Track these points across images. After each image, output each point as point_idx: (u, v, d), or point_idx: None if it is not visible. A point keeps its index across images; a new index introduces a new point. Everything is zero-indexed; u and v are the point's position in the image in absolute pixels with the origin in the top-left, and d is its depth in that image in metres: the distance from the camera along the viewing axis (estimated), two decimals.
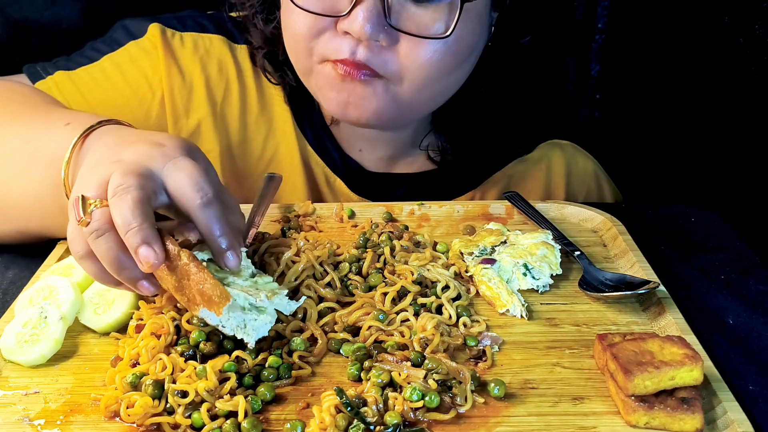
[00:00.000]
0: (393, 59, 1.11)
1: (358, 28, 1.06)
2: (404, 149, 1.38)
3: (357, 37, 1.08)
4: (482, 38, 1.20)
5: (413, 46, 1.10)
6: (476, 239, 1.13)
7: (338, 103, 1.16)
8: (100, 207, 0.84)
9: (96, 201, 0.85)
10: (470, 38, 1.15)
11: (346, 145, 1.38)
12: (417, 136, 1.36)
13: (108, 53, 1.32)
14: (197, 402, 0.81)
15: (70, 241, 0.88)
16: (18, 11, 1.84)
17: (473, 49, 1.18)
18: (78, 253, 0.87)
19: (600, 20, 2.04)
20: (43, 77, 1.29)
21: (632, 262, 1.09)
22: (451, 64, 1.14)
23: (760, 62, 1.63)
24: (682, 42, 1.88)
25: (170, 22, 1.34)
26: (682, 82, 1.90)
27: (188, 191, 0.86)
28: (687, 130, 1.89)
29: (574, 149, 1.48)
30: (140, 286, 0.87)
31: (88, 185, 0.87)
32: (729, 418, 0.80)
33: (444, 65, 1.13)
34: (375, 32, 1.07)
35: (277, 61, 1.31)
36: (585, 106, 2.13)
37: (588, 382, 0.87)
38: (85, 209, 0.84)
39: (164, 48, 1.31)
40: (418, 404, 0.81)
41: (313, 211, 1.24)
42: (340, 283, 1.00)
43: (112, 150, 0.92)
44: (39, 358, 0.88)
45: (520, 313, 0.99)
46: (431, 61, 1.11)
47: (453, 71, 1.17)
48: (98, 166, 0.89)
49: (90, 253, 0.86)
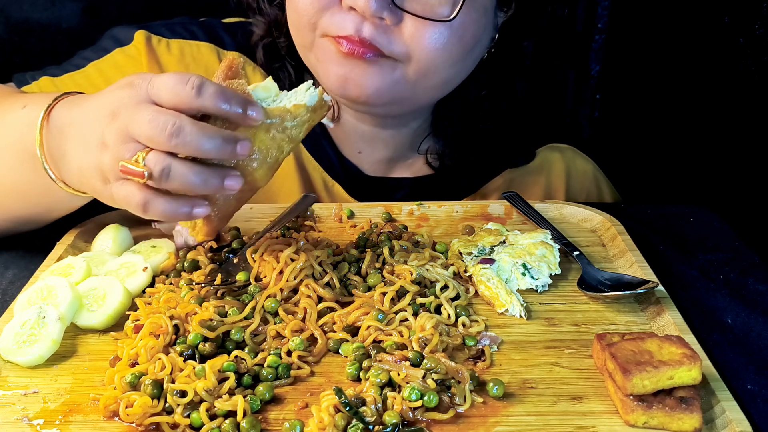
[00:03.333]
0: (399, 39, 1.12)
1: (362, 3, 1.07)
2: (403, 152, 1.38)
3: (361, 12, 1.09)
4: (486, 33, 1.20)
5: (419, 27, 1.11)
6: (475, 239, 1.13)
7: (338, 78, 1.15)
8: (145, 155, 0.85)
9: (138, 155, 0.86)
10: (475, 29, 1.16)
11: (345, 148, 1.37)
12: (415, 138, 1.36)
13: (95, 60, 1.33)
14: (196, 402, 0.81)
15: (128, 204, 0.88)
16: (18, 11, 1.84)
17: (477, 41, 1.19)
18: (142, 205, 0.87)
19: (600, 20, 2.04)
20: (29, 83, 1.30)
21: (631, 261, 1.09)
22: (456, 51, 1.15)
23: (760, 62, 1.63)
24: (682, 42, 1.88)
25: (159, 29, 1.35)
26: (682, 82, 1.90)
27: (179, 90, 0.86)
28: (687, 130, 1.89)
29: (573, 152, 1.47)
30: (228, 186, 0.88)
31: (113, 150, 0.87)
32: (727, 417, 0.80)
33: (449, 51, 1.14)
34: (379, 9, 1.08)
35: (278, 54, 1.30)
36: (585, 106, 2.13)
37: (587, 382, 0.87)
38: (137, 165, 0.85)
39: (148, 54, 1.31)
40: (416, 404, 0.81)
41: (312, 212, 1.24)
42: (339, 283, 1.00)
43: (97, 110, 0.92)
44: (37, 358, 0.89)
45: (518, 312, 0.99)
46: (436, 44, 1.12)
47: (458, 61, 1.17)
48: (97, 129, 0.90)
49: (154, 201, 0.87)
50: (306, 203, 1.24)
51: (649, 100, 2.01)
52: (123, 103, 0.89)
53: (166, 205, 0.88)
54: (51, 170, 0.98)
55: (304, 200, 1.24)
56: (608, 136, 2.11)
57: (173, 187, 0.87)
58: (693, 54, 1.85)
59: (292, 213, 1.20)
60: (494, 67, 1.26)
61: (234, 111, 0.86)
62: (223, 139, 0.86)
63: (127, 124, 0.87)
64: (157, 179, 0.85)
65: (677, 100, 1.92)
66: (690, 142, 1.88)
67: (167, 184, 0.86)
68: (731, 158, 1.74)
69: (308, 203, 1.24)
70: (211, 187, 0.88)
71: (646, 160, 2.00)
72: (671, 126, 1.94)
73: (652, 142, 2.00)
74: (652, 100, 2.00)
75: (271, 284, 0.97)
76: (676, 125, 1.92)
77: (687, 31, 1.87)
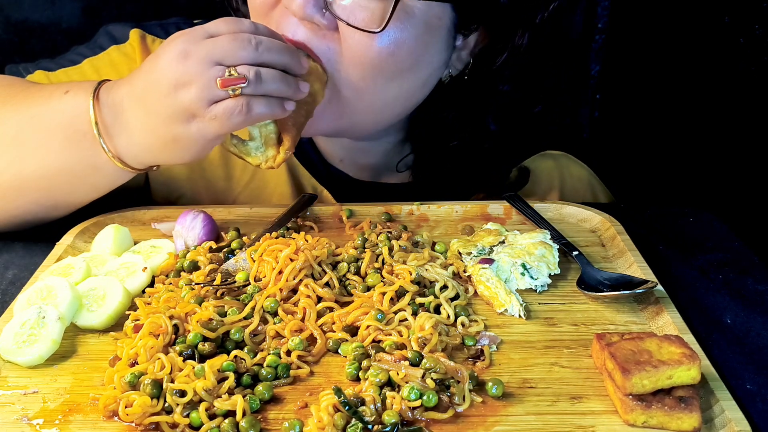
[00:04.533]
0: (334, 47, 1.09)
1: (295, 6, 1.06)
2: (385, 161, 1.36)
3: (294, 13, 1.07)
4: (436, 55, 1.15)
5: (349, 35, 1.08)
6: (474, 239, 1.13)
7: None
8: (234, 70, 0.98)
9: (226, 72, 0.98)
10: (413, 45, 1.10)
11: (328, 156, 1.37)
12: (395, 149, 1.34)
13: (90, 57, 1.33)
14: (195, 401, 0.81)
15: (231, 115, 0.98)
16: (18, 11, 1.84)
17: (419, 60, 1.13)
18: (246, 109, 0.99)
19: (600, 20, 2.04)
20: (23, 76, 1.30)
21: (630, 261, 1.09)
22: (389, 67, 1.10)
23: (760, 62, 1.63)
24: (682, 42, 1.89)
25: (153, 29, 1.36)
26: (682, 81, 1.90)
27: (237, 51, 0.98)
28: (687, 130, 1.89)
29: (567, 159, 1.46)
30: (302, 87, 1.04)
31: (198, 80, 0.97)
32: (726, 417, 0.80)
33: (379, 66, 1.09)
34: (310, 13, 1.06)
35: None
36: (585, 106, 2.13)
37: (586, 382, 0.87)
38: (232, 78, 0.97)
39: (142, 54, 1.31)
40: (416, 403, 0.81)
41: (311, 212, 1.24)
42: (339, 282, 1.00)
43: (154, 71, 1.01)
44: (36, 358, 0.89)
45: (518, 312, 0.99)
46: (364, 56, 1.08)
47: (394, 78, 1.12)
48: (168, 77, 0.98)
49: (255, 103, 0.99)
50: (306, 202, 1.24)
51: (649, 101, 2.01)
52: (187, 43, 0.99)
53: (265, 103, 1.00)
54: (107, 146, 1.04)
55: (303, 199, 1.24)
56: (608, 137, 2.11)
57: (266, 90, 1.00)
58: (693, 54, 1.85)
59: (292, 213, 1.20)
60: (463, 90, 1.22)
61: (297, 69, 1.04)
62: (292, 52, 1.03)
63: (207, 52, 0.97)
64: (253, 83, 0.98)
65: (677, 100, 1.92)
66: (690, 142, 1.88)
67: (261, 88, 0.99)
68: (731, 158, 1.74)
69: (308, 202, 1.24)
70: (292, 87, 1.02)
71: (646, 160, 2.00)
72: (671, 126, 1.94)
73: (652, 142, 2.00)
74: (652, 101, 2.00)
75: (270, 284, 0.97)
76: (676, 125, 1.92)
77: (687, 31, 1.87)
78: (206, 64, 0.97)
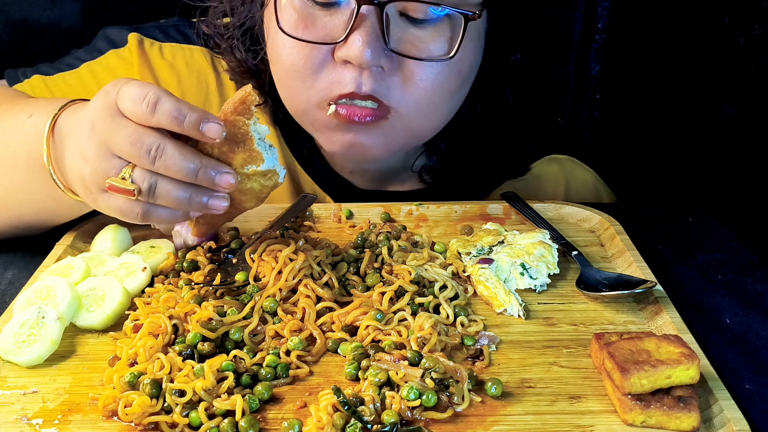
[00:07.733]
0: (396, 84, 1.06)
1: (357, 54, 1.01)
2: (395, 171, 1.35)
3: (357, 64, 1.03)
4: (479, 55, 1.17)
5: (416, 70, 1.06)
6: (474, 239, 1.13)
7: (342, 145, 1.13)
8: (132, 171, 0.88)
9: (123, 171, 0.88)
10: (472, 57, 1.12)
11: (336, 165, 1.35)
12: (408, 158, 1.32)
13: (88, 61, 1.32)
14: (195, 401, 0.81)
15: (126, 215, 0.91)
16: (18, 11, 1.84)
17: (473, 67, 1.15)
18: (141, 216, 0.91)
19: (600, 20, 2.04)
20: (21, 81, 1.30)
21: (629, 261, 1.09)
22: (455, 85, 1.11)
23: (760, 62, 1.63)
24: (682, 42, 1.89)
25: (152, 32, 1.34)
26: (682, 81, 1.90)
27: (136, 108, 0.86)
28: (687, 130, 1.89)
29: (572, 163, 1.45)
30: (212, 206, 0.91)
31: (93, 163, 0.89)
32: (725, 416, 0.80)
33: (448, 87, 1.10)
34: (376, 57, 1.02)
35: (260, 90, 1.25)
36: (585, 106, 2.13)
37: (585, 381, 0.87)
38: (125, 184, 0.88)
39: (140, 58, 1.30)
40: (415, 403, 0.81)
41: (311, 212, 1.24)
42: (338, 282, 1.00)
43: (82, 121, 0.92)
44: (35, 358, 0.89)
45: (517, 312, 0.99)
46: (435, 83, 1.07)
47: (456, 92, 1.14)
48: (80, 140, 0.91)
49: (152, 209, 0.90)
50: (305, 203, 1.24)
51: (649, 100, 2.01)
52: (98, 114, 0.89)
53: (165, 211, 0.92)
54: (58, 179, 0.99)
55: (303, 200, 1.24)
56: (608, 137, 2.11)
57: (163, 200, 0.89)
58: (693, 54, 1.85)
59: (291, 213, 1.20)
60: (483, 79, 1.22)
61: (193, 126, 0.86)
62: (204, 167, 0.88)
63: (106, 139, 0.88)
64: (145, 195, 0.88)
65: (677, 100, 1.92)
66: (689, 142, 1.88)
67: (156, 198, 0.89)
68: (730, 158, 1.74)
69: (307, 203, 1.24)
70: (196, 205, 0.90)
71: (646, 160, 2.00)
72: (671, 126, 1.94)
73: (652, 142, 2.00)
74: (652, 100, 2.00)
75: (270, 284, 0.97)
76: (676, 125, 1.92)
77: (687, 31, 1.87)
78: (104, 152, 0.89)
